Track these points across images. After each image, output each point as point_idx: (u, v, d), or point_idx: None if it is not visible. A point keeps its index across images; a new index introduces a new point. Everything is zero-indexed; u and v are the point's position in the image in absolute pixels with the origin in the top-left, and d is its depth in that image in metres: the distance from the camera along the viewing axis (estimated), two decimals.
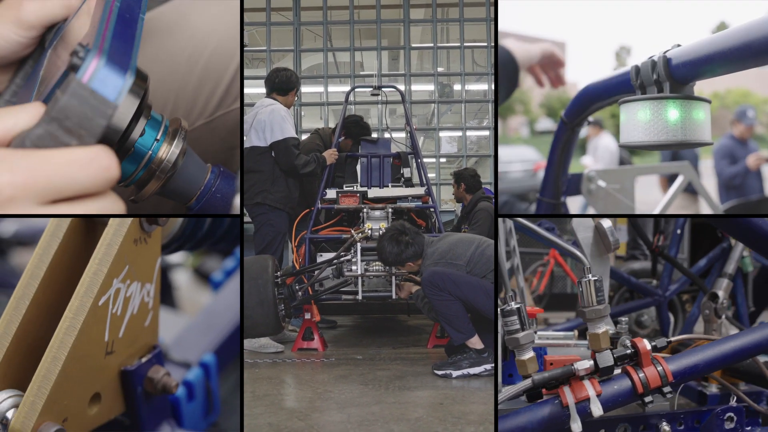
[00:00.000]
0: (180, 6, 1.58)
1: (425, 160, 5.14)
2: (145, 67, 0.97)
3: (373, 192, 3.86)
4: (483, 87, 6.65)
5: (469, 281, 2.76)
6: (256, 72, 6.68)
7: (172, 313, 1.83)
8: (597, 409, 1.40)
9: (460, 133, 6.68)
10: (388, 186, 3.97)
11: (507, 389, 1.43)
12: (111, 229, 1.15)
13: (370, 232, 3.41)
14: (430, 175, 5.01)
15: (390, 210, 3.72)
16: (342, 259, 3.39)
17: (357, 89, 5.00)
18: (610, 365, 1.44)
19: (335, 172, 4.08)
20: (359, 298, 3.42)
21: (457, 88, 6.58)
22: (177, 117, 1.16)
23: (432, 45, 6.49)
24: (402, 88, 5.58)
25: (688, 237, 4.06)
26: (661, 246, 2.87)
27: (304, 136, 4.96)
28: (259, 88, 4.21)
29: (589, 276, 1.47)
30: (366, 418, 2.05)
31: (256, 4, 6.29)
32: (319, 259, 3.67)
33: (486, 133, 6.78)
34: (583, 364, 1.42)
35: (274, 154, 3.64)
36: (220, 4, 1.56)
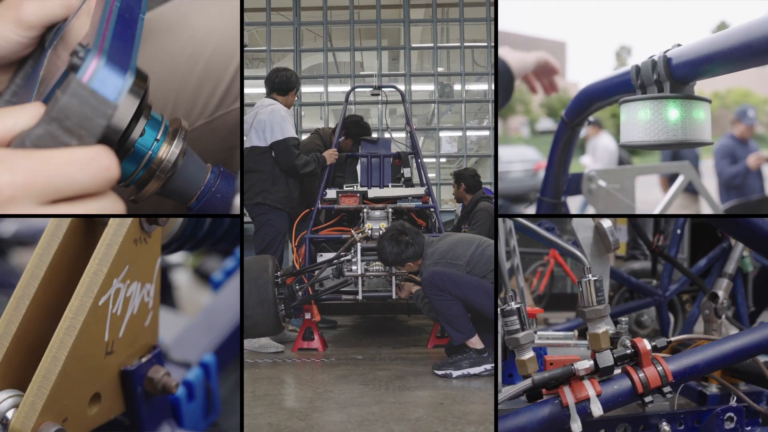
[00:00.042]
0: (180, 6, 1.58)
1: (425, 160, 5.14)
2: (145, 67, 0.97)
3: (373, 192, 3.86)
4: (483, 87, 6.65)
5: (469, 281, 2.76)
6: (256, 72, 6.68)
7: (172, 313, 1.83)
8: (597, 409, 1.40)
9: (460, 133, 6.68)
10: (388, 186, 3.97)
11: (507, 389, 1.43)
12: (111, 229, 1.15)
13: (370, 232, 3.41)
14: (430, 175, 5.01)
15: (390, 210, 3.72)
16: (342, 259, 3.39)
17: (357, 89, 5.00)
18: (610, 365, 1.44)
19: (335, 172, 4.08)
20: (359, 298, 3.42)
21: (457, 88, 6.58)
22: (177, 117, 1.16)
23: (432, 45, 6.49)
24: (402, 88, 5.58)
25: (689, 237, 4.06)
26: (661, 246, 2.87)
27: (304, 136, 4.95)
28: (259, 88, 4.21)
29: (589, 276, 1.47)
30: (366, 418, 2.05)
31: (256, 4, 6.29)
32: (319, 259, 3.67)
33: (486, 133, 6.78)
34: (583, 364, 1.42)
35: (274, 154, 3.64)
36: (220, 4, 1.56)
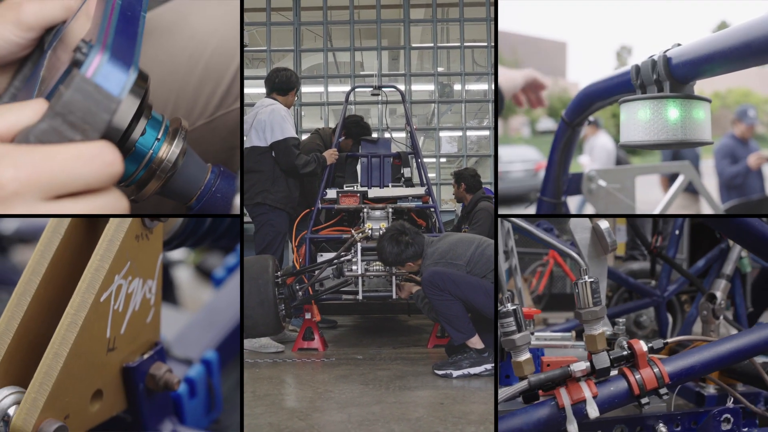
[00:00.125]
0: (180, 6, 1.58)
1: (425, 160, 5.14)
2: (145, 67, 0.98)
3: (374, 192, 3.86)
4: (483, 87, 6.65)
5: (469, 281, 2.76)
6: (256, 72, 6.68)
7: (173, 310, 1.83)
8: (593, 411, 1.40)
9: (460, 133, 6.68)
10: (388, 186, 3.97)
11: (503, 391, 1.43)
12: (113, 225, 1.15)
13: (370, 232, 3.41)
14: (430, 175, 5.01)
15: (390, 210, 3.72)
16: (342, 259, 3.39)
17: (357, 89, 5.00)
18: (607, 367, 1.44)
19: (335, 172, 4.08)
20: (359, 298, 3.42)
21: (457, 88, 6.58)
22: (177, 117, 1.16)
23: (432, 45, 6.50)
24: (402, 88, 5.59)
25: (688, 237, 4.07)
26: (659, 247, 2.87)
27: (304, 136, 4.96)
28: (259, 88, 4.21)
29: (585, 278, 1.46)
30: (366, 418, 2.05)
31: (256, 4, 6.29)
32: (320, 259, 3.67)
33: (486, 133, 6.79)
34: (580, 366, 1.42)
35: (274, 154, 3.64)
36: (220, 4, 1.56)
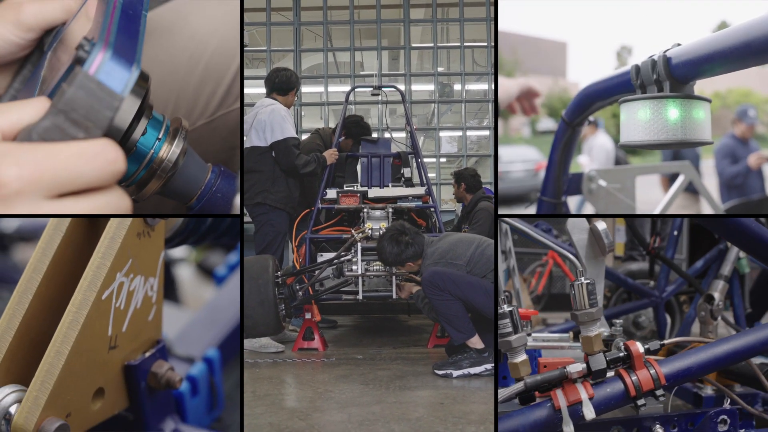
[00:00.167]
0: (180, 6, 1.58)
1: (425, 160, 5.15)
2: (146, 67, 0.98)
3: (374, 192, 3.86)
4: (483, 87, 6.65)
5: (469, 281, 2.76)
6: (256, 72, 6.68)
7: (175, 308, 1.83)
8: (589, 413, 1.40)
9: (460, 133, 6.68)
10: (388, 186, 3.97)
11: (501, 391, 1.43)
12: (114, 222, 1.15)
13: (370, 231, 3.41)
14: (430, 174, 5.01)
15: (390, 210, 3.73)
16: (342, 259, 3.39)
17: (357, 89, 5.00)
18: (603, 368, 1.44)
19: (335, 172, 4.08)
20: (360, 297, 3.42)
21: (457, 87, 6.58)
22: (178, 117, 1.16)
23: (432, 45, 6.50)
24: (402, 87, 5.59)
25: (687, 238, 4.07)
26: (657, 247, 2.87)
27: (304, 136, 4.96)
28: (259, 88, 4.21)
29: (581, 279, 1.46)
30: (367, 418, 2.05)
31: (256, 4, 6.29)
32: (320, 259, 3.67)
33: (486, 132, 6.79)
34: (576, 367, 1.42)
35: (274, 154, 3.64)
36: (221, 4, 1.57)
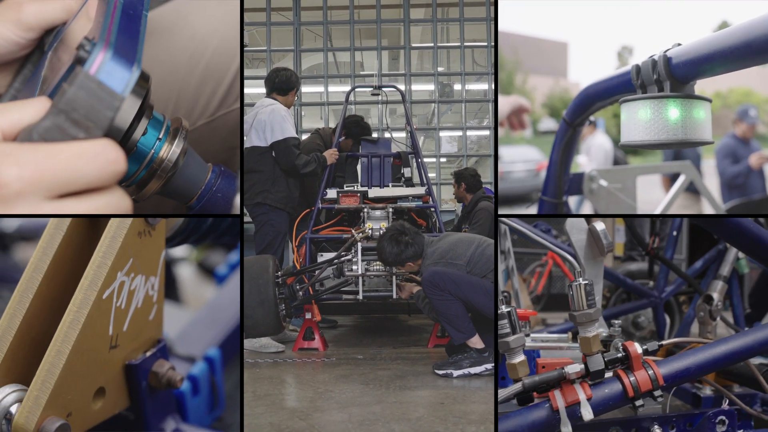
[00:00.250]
0: (180, 6, 1.58)
1: (425, 160, 5.15)
2: (146, 67, 0.98)
3: (374, 192, 3.86)
4: (483, 87, 6.65)
5: (469, 281, 2.77)
6: (256, 72, 6.68)
7: (176, 307, 1.83)
8: (587, 413, 1.40)
9: (460, 133, 6.68)
10: (388, 186, 3.97)
11: (499, 392, 1.43)
12: (115, 222, 1.15)
13: (370, 231, 3.42)
14: (430, 174, 5.01)
15: (390, 210, 3.73)
16: (342, 258, 3.39)
17: (357, 89, 5.00)
18: (601, 369, 1.44)
19: (336, 172, 4.08)
20: (360, 297, 3.42)
21: (457, 87, 6.58)
22: (178, 117, 1.16)
23: (432, 45, 6.50)
24: (402, 87, 5.59)
25: (687, 238, 4.07)
26: (657, 248, 2.87)
27: (304, 136, 4.96)
28: (260, 88, 4.21)
29: (579, 280, 1.46)
30: (367, 418, 2.05)
31: (256, 4, 6.29)
32: (320, 259, 3.67)
33: (486, 132, 6.79)
34: (574, 368, 1.42)
35: (274, 154, 3.64)
36: (221, 4, 1.57)
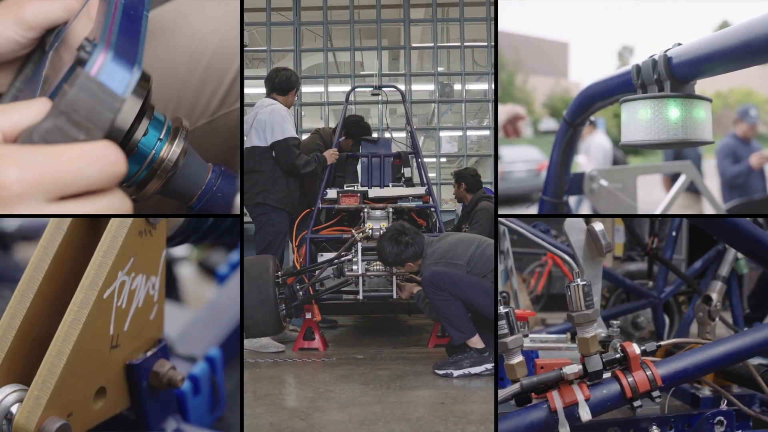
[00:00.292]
0: (180, 6, 1.58)
1: (426, 160, 5.15)
2: (146, 67, 0.98)
3: (374, 192, 3.87)
4: (483, 87, 6.65)
5: (469, 281, 2.77)
6: (256, 72, 6.68)
7: (177, 306, 1.83)
8: (585, 414, 1.41)
9: (460, 133, 6.68)
10: (388, 186, 3.97)
11: (498, 392, 1.43)
12: (115, 221, 1.15)
13: (370, 231, 3.42)
14: (430, 174, 5.01)
15: (391, 210, 3.73)
16: (343, 258, 3.39)
17: (357, 89, 5.00)
18: (599, 370, 1.44)
19: (336, 172, 4.08)
20: (360, 297, 3.43)
21: (457, 87, 6.58)
22: (179, 116, 1.16)
23: (432, 45, 6.50)
24: (402, 87, 5.59)
25: (686, 238, 4.07)
26: (656, 248, 2.87)
27: (304, 136, 4.96)
28: (260, 88, 4.21)
29: (577, 280, 1.46)
30: (367, 418, 2.05)
31: (256, 4, 6.29)
32: (320, 259, 3.67)
33: (486, 132, 6.79)
34: (572, 369, 1.42)
35: (274, 154, 3.64)
36: (221, 4, 1.57)
